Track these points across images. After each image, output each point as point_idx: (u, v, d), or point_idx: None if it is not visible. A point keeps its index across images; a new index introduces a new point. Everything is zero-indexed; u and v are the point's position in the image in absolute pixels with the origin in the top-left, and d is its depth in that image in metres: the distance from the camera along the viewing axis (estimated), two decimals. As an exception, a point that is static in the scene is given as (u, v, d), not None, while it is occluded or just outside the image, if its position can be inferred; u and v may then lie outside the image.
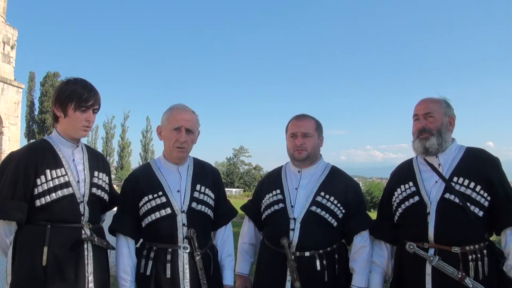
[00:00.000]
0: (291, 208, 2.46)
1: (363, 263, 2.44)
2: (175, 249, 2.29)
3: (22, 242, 2.10)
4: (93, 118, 2.26)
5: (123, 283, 2.28)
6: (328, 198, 2.45)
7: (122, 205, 2.43)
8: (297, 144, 2.51)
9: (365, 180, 65.89)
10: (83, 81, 2.27)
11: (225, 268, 2.49)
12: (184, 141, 2.36)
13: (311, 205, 2.43)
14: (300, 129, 2.52)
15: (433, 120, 2.33)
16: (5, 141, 22.79)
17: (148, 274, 2.27)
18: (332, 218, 2.43)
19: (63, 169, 2.18)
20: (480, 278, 2.14)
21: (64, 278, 2.09)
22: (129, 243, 2.34)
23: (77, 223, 2.17)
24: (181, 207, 2.33)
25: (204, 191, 2.42)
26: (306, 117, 2.60)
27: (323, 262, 2.37)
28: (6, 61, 23.38)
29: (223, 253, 2.51)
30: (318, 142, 2.59)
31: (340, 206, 2.45)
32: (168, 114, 2.42)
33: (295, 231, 2.39)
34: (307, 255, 2.37)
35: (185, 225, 2.30)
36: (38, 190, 2.10)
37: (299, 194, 2.50)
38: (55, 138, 2.27)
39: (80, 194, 2.20)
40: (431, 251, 2.21)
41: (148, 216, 2.33)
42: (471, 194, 2.21)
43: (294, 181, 2.57)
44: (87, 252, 2.16)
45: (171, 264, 2.25)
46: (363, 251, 2.45)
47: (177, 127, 2.36)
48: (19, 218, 2.07)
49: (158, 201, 2.33)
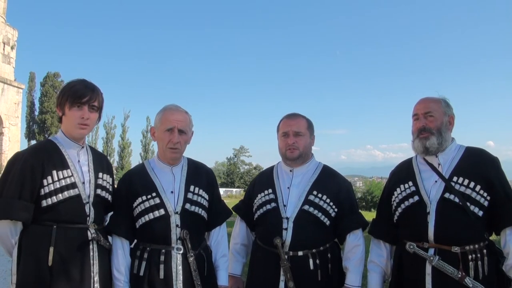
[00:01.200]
0: (283, 208, 2.47)
1: (357, 262, 2.44)
2: (169, 250, 2.29)
3: (27, 242, 2.11)
4: (89, 115, 2.23)
5: (117, 284, 2.29)
6: (321, 197, 2.45)
7: (117, 206, 2.43)
8: (289, 143, 2.52)
9: (365, 179, 65.86)
10: (81, 80, 2.28)
11: (220, 268, 2.49)
12: (177, 142, 2.35)
13: (304, 204, 2.44)
14: (292, 128, 2.53)
15: (433, 119, 2.33)
16: (5, 142, 22.81)
17: (142, 275, 2.27)
18: (325, 217, 2.44)
19: (69, 170, 2.19)
20: (480, 278, 2.13)
21: (69, 278, 2.10)
22: (123, 244, 2.34)
23: (83, 224, 2.19)
24: (174, 208, 2.33)
25: (198, 192, 2.42)
26: (298, 116, 2.61)
27: (316, 262, 2.37)
28: (6, 62, 23.39)
29: (217, 253, 2.51)
30: (310, 141, 2.60)
31: (332, 205, 2.46)
32: (161, 115, 2.42)
33: (288, 230, 2.40)
34: (300, 254, 2.38)
35: (179, 226, 2.31)
36: (45, 191, 2.11)
37: (292, 193, 2.51)
38: (60, 139, 2.28)
39: (86, 195, 2.21)
40: (431, 251, 2.20)
41: (142, 217, 2.33)
42: (471, 194, 2.20)
43: (286, 180, 2.58)
44: (92, 253, 2.18)
45: (164, 265, 2.26)
46: (356, 250, 2.46)
47: (169, 128, 2.35)
48: (25, 218, 2.08)
49: (152, 202, 2.33)
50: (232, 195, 39.46)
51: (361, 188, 46.90)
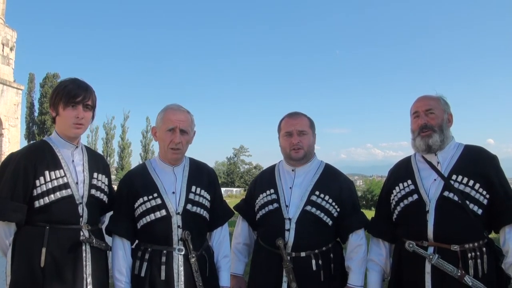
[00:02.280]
0: (285, 208, 2.44)
1: (359, 262, 2.43)
2: (170, 251, 2.27)
3: (21, 242, 2.10)
4: (84, 114, 2.21)
5: (118, 284, 2.28)
6: (323, 197, 2.43)
7: (118, 206, 2.41)
8: (293, 142, 2.48)
9: (366, 178, 65.81)
10: (73, 79, 2.26)
11: (222, 269, 2.47)
12: (178, 142, 2.33)
13: (306, 205, 2.42)
14: (296, 127, 2.50)
15: (435, 116, 2.32)
16: (5, 143, 22.79)
17: (143, 276, 2.26)
18: (327, 217, 2.42)
19: (62, 171, 2.18)
20: (479, 276, 2.13)
21: (62, 279, 2.09)
22: (124, 244, 2.33)
23: (76, 225, 2.16)
24: (176, 209, 2.32)
25: (200, 193, 2.41)
26: (300, 114, 2.58)
27: (319, 262, 2.36)
28: (5, 63, 23.36)
29: (219, 254, 2.49)
30: (313, 139, 2.58)
31: (335, 205, 2.44)
32: (163, 114, 2.40)
33: (290, 231, 2.38)
34: (303, 255, 2.36)
35: (180, 227, 2.29)
36: (37, 191, 2.10)
37: (294, 193, 2.48)
38: (54, 139, 2.27)
39: (79, 195, 2.19)
40: (430, 250, 2.20)
41: (143, 218, 2.32)
42: (470, 192, 2.20)
43: (288, 180, 2.55)
44: (85, 254, 2.16)
45: (165, 266, 2.24)
46: (359, 249, 2.44)
47: (171, 128, 2.33)
48: (18, 219, 2.08)
49: (153, 202, 2.32)
50: (232, 195, 39.48)
51: (361, 187, 46.87)
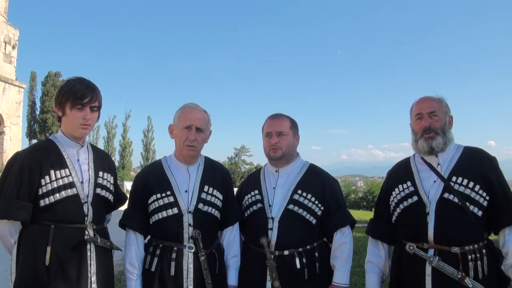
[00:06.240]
0: (269, 208, 2.49)
1: (344, 260, 2.45)
2: (181, 248, 2.32)
3: (26, 241, 2.11)
4: (91, 115, 2.23)
5: (129, 276, 2.33)
6: (305, 196, 2.47)
7: (133, 201, 2.47)
8: (271, 143, 2.54)
9: (366, 179, 65.68)
10: (80, 79, 2.26)
11: (230, 268, 2.51)
12: (194, 140, 2.40)
13: (288, 204, 2.46)
14: (275, 128, 2.56)
15: (438, 119, 2.32)
16: (6, 141, 22.85)
17: (153, 270, 2.32)
18: (310, 215, 2.45)
19: (67, 170, 2.19)
20: (479, 278, 2.13)
21: (66, 278, 2.10)
22: (137, 238, 2.39)
23: (81, 224, 2.18)
24: (187, 208, 2.37)
25: (212, 192, 2.45)
26: (281, 116, 2.64)
27: (303, 260, 2.39)
28: (7, 61, 23.42)
29: (228, 253, 2.53)
30: (294, 140, 2.62)
31: (318, 203, 2.47)
32: (180, 112, 2.47)
33: (273, 230, 2.42)
34: (286, 253, 2.40)
35: (191, 225, 2.34)
36: (42, 190, 2.12)
37: (277, 193, 2.53)
38: (59, 138, 2.28)
39: (84, 194, 2.21)
40: (430, 252, 2.19)
41: (155, 214, 2.37)
42: (470, 193, 2.20)
43: (272, 180, 2.61)
44: (90, 253, 2.17)
45: (175, 262, 2.30)
46: (343, 247, 2.46)
47: (187, 125, 2.41)
48: (23, 218, 2.09)
49: (166, 200, 2.37)
50: (233, 195, 39.43)
51: (362, 188, 46.72)
